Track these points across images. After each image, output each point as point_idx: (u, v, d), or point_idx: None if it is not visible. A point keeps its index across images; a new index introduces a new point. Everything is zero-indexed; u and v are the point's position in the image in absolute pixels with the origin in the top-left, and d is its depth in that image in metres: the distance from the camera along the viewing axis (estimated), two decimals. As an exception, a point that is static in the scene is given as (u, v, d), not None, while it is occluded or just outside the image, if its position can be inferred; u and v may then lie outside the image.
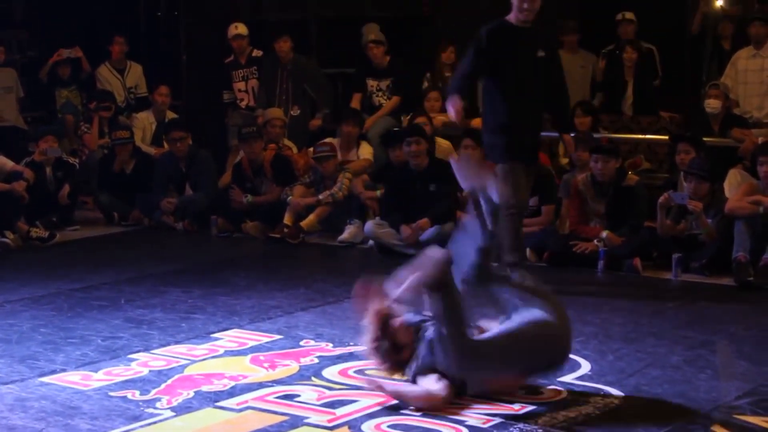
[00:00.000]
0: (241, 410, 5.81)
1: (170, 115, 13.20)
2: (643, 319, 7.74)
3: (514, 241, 8.28)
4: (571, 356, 6.63)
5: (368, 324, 5.88)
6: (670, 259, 9.17)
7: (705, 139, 10.28)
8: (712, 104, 10.93)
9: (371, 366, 6.44)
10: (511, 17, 8.31)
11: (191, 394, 6.07)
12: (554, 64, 8.58)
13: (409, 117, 11.70)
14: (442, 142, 11.49)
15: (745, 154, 10.40)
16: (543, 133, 11.45)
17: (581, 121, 11.30)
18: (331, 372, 6.43)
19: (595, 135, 11.01)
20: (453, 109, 8.20)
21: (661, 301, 8.32)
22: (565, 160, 11.18)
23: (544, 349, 5.82)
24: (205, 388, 6.16)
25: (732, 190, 9.64)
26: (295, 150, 12.13)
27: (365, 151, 11.66)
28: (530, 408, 5.77)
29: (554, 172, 10.64)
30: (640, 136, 11.93)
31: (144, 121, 13.14)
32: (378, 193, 10.92)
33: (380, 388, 5.85)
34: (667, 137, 11.07)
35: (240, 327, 7.55)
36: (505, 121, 8.36)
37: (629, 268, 9.28)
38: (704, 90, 11.51)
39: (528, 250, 9.70)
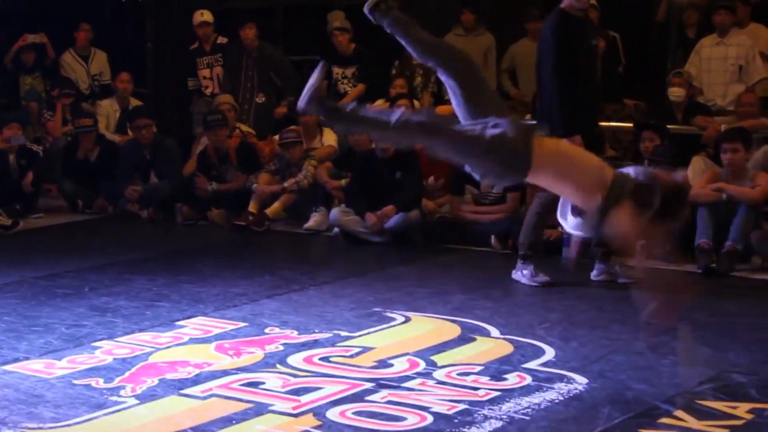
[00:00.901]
0: (205, 398, 5.80)
1: (134, 102, 13.14)
2: (608, 306, 7.77)
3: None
4: (536, 343, 6.70)
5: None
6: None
7: (669, 126, 10.32)
8: (676, 92, 10.97)
9: (338, 353, 6.48)
10: (566, 6, 8.10)
11: (155, 381, 6.05)
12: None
13: (389, 102, 11.65)
14: None
15: (708, 141, 10.45)
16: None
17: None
18: (296, 359, 6.43)
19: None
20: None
21: (625, 288, 8.35)
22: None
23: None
24: (169, 376, 6.15)
25: (695, 178, 9.68)
26: (254, 135, 12.13)
27: (329, 137, 11.65)
28: (495, 394, 5.79)
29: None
30: (604, 124, 11.93)
31: (108, 109, 13.08)
32: (343, 182, 10.89)
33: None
34: (631, 125, 11.11)
35: (205, 315, 7.54)
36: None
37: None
38: (669, 78, 11.54)
39: (492, 237, 9.75)
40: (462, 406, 5.61)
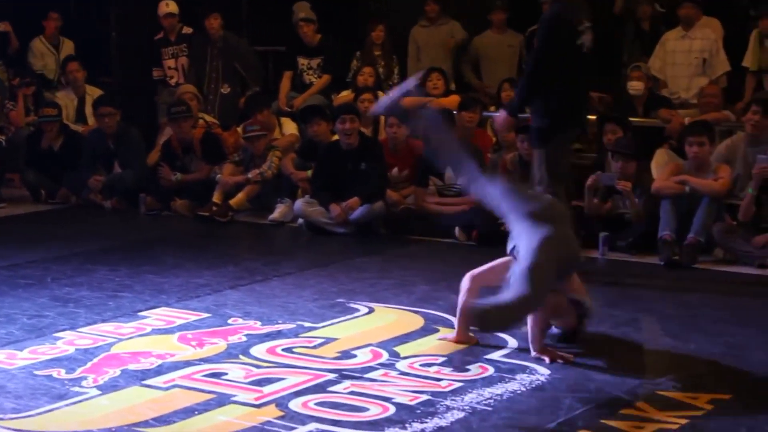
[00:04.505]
0: (168, 388, 5.80)
1: (93, 91, 13.01)
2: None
3: None
4: (498, 334, 6.70)
5: None
6: (597, 238, 9.25)
7: (632, 119, 10.36)
8: (635, 86, 11.00)
9: (301, 344, 6.49)
10: None
11: (118, 372, 6.04)
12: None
13: (355, 92, 11.66)
14: None
15: (672, 133, 10.49)
16: (485, 113, 11.55)
17: (508, 95, 11.39)
18: (258, 350, 6.43)
19: (521, 115, 11.06)
20: None
21: (587, 280, 8.36)
22: (493, 139, 11.21)
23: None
24: (131, 367, 6.14)
25: (659, 170, 9.73)
26: (218, 125, 12.10)
27: (289, 127, 11.64)
28: (457, 385, 5.81)
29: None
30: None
31: (65, 99, 12.94)
32: (309, 173, 10.86)
33: None
34: (594, 117, 11.14)
35: (168, 305, 7.52)
36: None
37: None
38: (626, 71, 11.58)
39: (456, 229, 9.76)
40: (424, 397, 5.62)
